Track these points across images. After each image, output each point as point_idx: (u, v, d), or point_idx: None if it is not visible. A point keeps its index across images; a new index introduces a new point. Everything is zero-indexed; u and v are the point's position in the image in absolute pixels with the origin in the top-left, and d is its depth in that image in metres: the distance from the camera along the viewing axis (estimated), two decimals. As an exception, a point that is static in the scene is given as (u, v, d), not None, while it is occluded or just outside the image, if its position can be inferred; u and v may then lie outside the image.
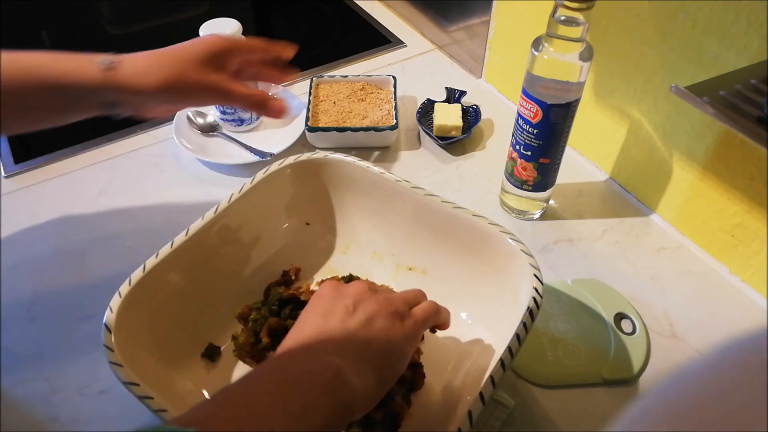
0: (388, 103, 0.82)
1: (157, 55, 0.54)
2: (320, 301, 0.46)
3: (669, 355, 0.59)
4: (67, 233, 0.70)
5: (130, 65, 0.53)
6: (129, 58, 0.53)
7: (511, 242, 0.52)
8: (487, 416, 0.53)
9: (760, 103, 0.47)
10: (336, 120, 0.80)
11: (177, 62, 0.54)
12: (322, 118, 0.80)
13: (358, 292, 0.46)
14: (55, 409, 0.55)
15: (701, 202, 0.65)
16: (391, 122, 0.79)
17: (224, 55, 0.57)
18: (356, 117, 0.80)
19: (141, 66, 0.53)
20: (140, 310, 0.49)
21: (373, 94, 0.84)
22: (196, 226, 0.54)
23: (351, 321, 0.44)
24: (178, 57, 0.55)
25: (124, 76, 0.52)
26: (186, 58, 0.55)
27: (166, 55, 0.55)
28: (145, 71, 0.53)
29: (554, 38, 0.57)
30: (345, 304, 0.45)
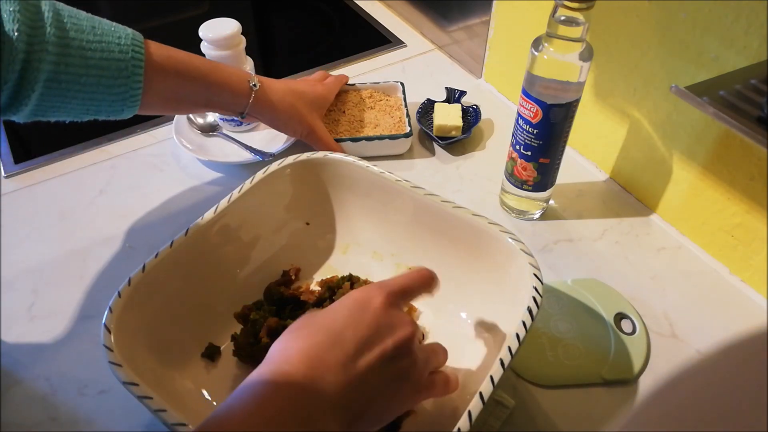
0: (399, 110, 0.82)
1: (287, 88, 0.72)
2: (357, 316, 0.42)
3: (669, 355, 0.59)
4: (67, 233, 0.70)
5: (269, 90, 0.69)
6: (269, 84, 0.70)
7: (511, 242, 0.52)
8: (487, 416, 0.53)
9: (760, 103, 0.47)
10: (348, 129, 0.79)
11: (298, 98, 0.72)
12: (333, 128, 0.79)
13: (402, 340, 0.42)
14: (55, 409, 0.55)
15: (701, 202, 0.65)
16: (404, 129, 0.78)
17: (327, 101, 0.78)
18: (368, 126, 0.79)
19: (276, 93, 0.70)
20: (140, 310, 0.49)
21: (381, 101, 0.83)
22: (195, 226, 0.54)
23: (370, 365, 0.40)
24: (300, 95, 0.73)
25: (263, 98, 0.68)
26: (305, 98, 0.73)
27: (293, 90, 0.72)
28: (278, 99, 0.70)
29: (554, 38, 0.57)
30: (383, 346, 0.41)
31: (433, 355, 0.46)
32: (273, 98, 0.69)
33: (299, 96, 0.72)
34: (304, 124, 0.72)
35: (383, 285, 0.45)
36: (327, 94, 0.77)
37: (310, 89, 0.74)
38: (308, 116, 0.72)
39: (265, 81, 0.69)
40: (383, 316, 0.42)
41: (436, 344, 0.47)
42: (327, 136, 0.74)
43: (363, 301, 0.43)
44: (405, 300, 0.46)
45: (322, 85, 0.77)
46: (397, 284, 0.45)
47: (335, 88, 0.80)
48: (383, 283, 0.45)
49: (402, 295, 0.45)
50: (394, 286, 0.45)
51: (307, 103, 0.73)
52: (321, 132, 0.73)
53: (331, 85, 0.79)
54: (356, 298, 0.43)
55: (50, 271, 0.66)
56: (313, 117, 0.73)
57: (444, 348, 0.47)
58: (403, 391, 0.42)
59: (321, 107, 0.76)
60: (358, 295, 0.43)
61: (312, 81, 0.78)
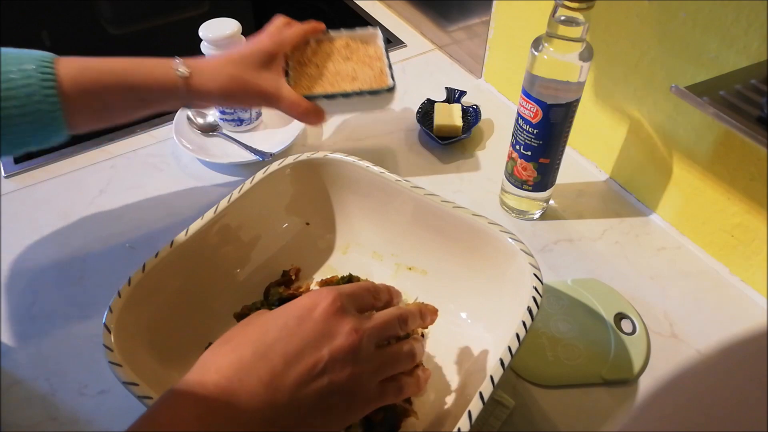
0: (379, 60, 0.70)
1: (222, 60, 0.62)
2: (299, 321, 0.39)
3: (669, 355, 0.59)
4: (67, 233, 0.70)
5: (200, 70, 0.61)
6: (200, 65, 0.61)
7: (511, 242, 0.52)
8: (487, 416, 0.53)
9: (760, 103, 0.47)
10: (322, 85, 0.68)
11: (240, 67, 0.62)
12: (306, 84, 0.68)
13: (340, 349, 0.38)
14: (55, 409, 0.55)
15: (701, 202, 0.65)
16: (386, 82, 0.67)
17: (275, 55, 0.65)
18: (345, 79, 0.68)
19: (209, 71, 0.61)
20: (140, 310, 0.49)
21: (360, 51, 0.71)
22: (195, 226, 0.54)
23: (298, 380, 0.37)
24: (241, 61, 0.62)
25: (196, 82, 0.60)
26: (248, 62, 0.63)
27: (230, 59, 0.62)
28: (212, 75, 0.61)
29: (554, 38, 0.57)
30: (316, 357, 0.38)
31: (392, 360, 0.42)
32: (206, 78, 0.60)
33: (239, 62, 0.62)
34: (254, 91, 0.62)
35: (335, 288, 0.42)
36: (275, 46, 0.65)
37: (253, 49, 0.64)
38: (258, 80, 0.62)
39: (195, 63, 0.61)
40: (324, 324, 0.39)
41: (403, 346, 0.43)
42: (291, 96, 0.63)
43: (306, 308, 0.40)
44: (359, 304, 0.43)
45: (268, 38, 0.65)
46: (350, 288, 0.43)
47: (293, 37, 0.67)
48: (336, 287, 0.42)
49: (354, 298, 0.42)
50: (347, 289, 0.42)
51: (253, 65, 0.63)
52: (282, 93, 0.63)
53: (287, 35, 0.67)
54: (300, 305, 0.41)
55: (50, 271, 0.66)
56: (266, 79, 0.63)
57: (414, 350, 0.44)
58: (343, 404, 0.39)
59: (273, 63, 0.64)
60: (304, 302, 0.41)
61: (258, 37, 0.66)
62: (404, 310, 0.44)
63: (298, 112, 0.64)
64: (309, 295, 0.42)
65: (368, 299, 0.44)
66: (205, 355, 0.39)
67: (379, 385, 0.41)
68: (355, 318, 0.41)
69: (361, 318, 0.41)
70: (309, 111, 0.64)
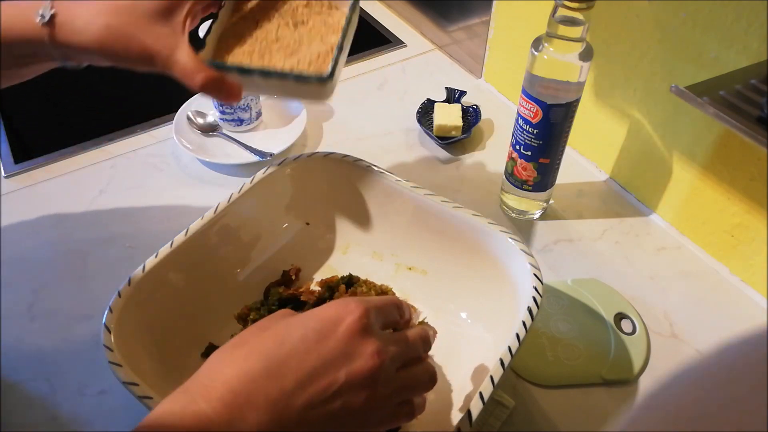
0: (336, 33, 0.52)
1: (102, 4, 0.46)
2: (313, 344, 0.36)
3: (669, 355, 0.59)
4: (67, 233, 0.70)
5: (71, 17, 0.46)
6: (73, 9, 0.46)
7: (511, 242, 0.52)
8: (487, 416, 0.53)
9: (760, 103, 0.47)
10: (247, 52, 0.51)
11: (122, 14, 0.46)
12: (227, 46, 0.52)
13: (359, 373, 0.36)
14: (55, 408, 0.55)
15: (701, 202, 0.65)
16: (324, 68, 0.49)
17: (179, 4, 0.48)
18: (281, 51, 0.51)
19: (81, 18, 0.46)
20: (140, 310, 0.49)
21: (321, 14, 0.54)
22: (195, 226, 0.54)
23: (309, 403, 0.35)
24: (125, 8, 0.46)
25: (64, 32, 0.46)
26: (134, 9, 0.46)
27: (112, 4, 0.46)
28: (84, 23, 0.46)
29: (554, 38, 0.57)
30: (331, 379, 0.35)
31: (411, 384, 0.40)
32: (77, 27, 0.46)
33: (124, 8, 0.46)
34: (137, 49, 0.46)
35: (363, 301, 0.39)
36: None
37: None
38: (144, 36, 0.46)
39: (69, 4, 0.47)
40: (346, 343, 0.36)
41: (424, 371, 0.41)
42: (187, 62, 0.47)
43: (330, 321, 0.37)
44: (386, 320, 0.41)
45: None
46: (379, 302, 0.40)
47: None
48: (364, 298, 0.40)
49: (382, 313, 0.40)
50: (376, 303, 0.40)
51: (143, 14, 0.46)
52: (175, 56, 0.47)
53: None
54: (324, 317, 0.38)
55: (50, 271, 0.66)
56: (157, 35, 0.47)
57: (434, 374, 0.41)
58: (353, 427, 0.36)
59: (173, 14, 0.47)
60: (329, 313, 0.38)
61: None
62: (427, 332, 0.43)
63: (193, 83, 0.47)
64: (335, 305, 0.39)
65: (395, 315, 0.42)
66: (215, 358, 0.37)
67: (392, 407, 0.39)
68: (380, 339, 0.38)
69: (386, 339, 0.38)
70: (208, 83, 0.47)
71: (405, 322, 0.43)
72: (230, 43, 0.52)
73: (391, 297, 0.44)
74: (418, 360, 0.41)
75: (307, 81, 0.48)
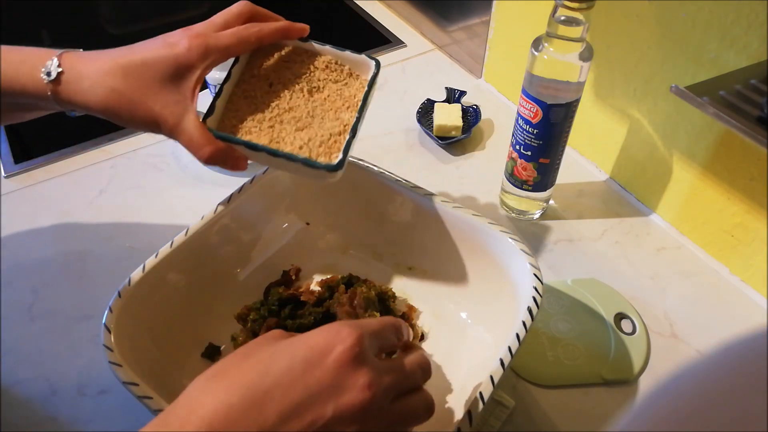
0: (352, 108, 0.50)
1: (110, 65, 0.45)
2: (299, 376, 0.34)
3: (669, 355, 0.59)
4: (66, 233, 0.70)
5: (77, 76, 0.45)
6: (79, 68, 0.45)
7: (511, 242, 0.52)
8: (487, 416, 0.53)
9: (760, 103, 0.47)
10: (256, 124, 0.49)
11: (129, 78, 0.45)
12: (235, 113, 0.50)
13: (348, 408, 0.34)
14: (55, 409, 0.55)
15: (701, 202, 0.65)
16: (334, 156, 0.48)
17: (191, 68, 0.45)
18: (292, 123, 0.49)
19: (88, 78, 0.45)
20: (140, 310, 0.49)
21: (338, 83, 0.52)
22: (195, 226, 0.54)
23: None
24: (134, 70, 0.45)
25: (69, 91, 0.45)
26: (143, 72, 0.45)
27: (120, 66, 0.45)
28: (91, 84, 0.45)
29: (554, 38, 0.57)
30: (317, 414, 0.33)
31: (407, 418, 0.37)
32: (83, 87, 0.45)
33: (132, 71, 0.45)
34: (143, 116, 0.45)
35: (357, 326, 0.36)
36: (197, 55, 0.45)
37: (159, 53, 0.45)
38: (152, 103, 0.45)
39: (77, 61, 0.45)
40: (335, 375, 0.34)
41: (421, 402, 0.38)
42: (194, 133, 0.46)
43: (318, 350, 0.35)
44: (382, 345, 0.38)
45: (194, 38, 0.46)
46: (375, 326, 0.38)
47: (238, 44, 0.48)
48: (359, 323, 0.37)
49: (378, 338, 0.38)
50: (371, 327, 0.37)
51: (151, 79, 0.45)
52: (182, 125, 0.46)
53: (228, 40, 0.47)
54: (312, 345, 0.35)
55: (50, 270, 0.66)
56: (165, 101, 0.45)
57: (432, 405, 0.39)
58: None
59: (184, 78, 0.45)
60: (317, 341, 0.35)
61: (183, 32, 0.47)
62: (426, 359, 0.40)
63: (199, 156, 0.47)
64: (326, 331, 0.36)
65: (392, 339, 0.39)
66: (195, 386, 0.35)
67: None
68: (373, 369, 0.35)
69: (381, 369, 0.36)
70: (214, 157, 0.47)
71: (403, 344, 0.41)
72: (240, 108, 0.50)
73: (389, 319, 0.41)
74: (415, 389, 0.38)
75: (314, 167, 0.47)
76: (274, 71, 0.52)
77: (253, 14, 0.50)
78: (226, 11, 0.49)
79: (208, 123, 0.48)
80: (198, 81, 0.46)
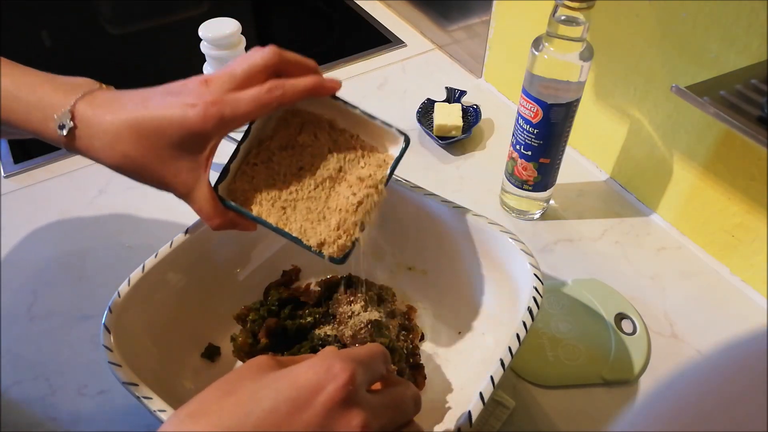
0: (369, 188, 0.47)
1: (122, 124, 0.42)
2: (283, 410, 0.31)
3: (669, 356, 0.59)
4: (66, 233, 0.70)
5: (89, 133, 0.43)
6: (92, 125, 0.43)
7: (511, 242, 0.52)
8: (488, 416, 0.53)
9: (761, 102, 0.47)
10: (273, 197, 0.47)
11: (142, 143, 0.42)
12: (250, 183, 0.48)
13: None
14: (55, 409, 0.55)
15: (702, 202, 0.65)
16: (336, 249, 0.46)
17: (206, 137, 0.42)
18: (306, 211, 0.47)
19: (101, 137, 0.43)
20: (139, 310, 0.49)
21: (355, 160, 0.48)
22: (195, 226, 0.54)
23: None
24: (147, 135, 0.42)
25: (81, 146, 0.44)
26: (156, 139, 0.42)
27: (132, 128, 0.42)
28: (103, 145, 0.43)
29: (554, 38, 0.57)
30: None
31: None
32: (96, 146, 0.44)
33: (145, 137, 0.42)
34: (154, 182, 0.45)
35: (349, 360, 0.33)
36: (215, 123, 0.41)
37: (174, 118, 0.41)
38: (163, 171, 0.43)
39: (90, 115, 0.43)
40: (325, 418, 0.31)
41: None
42: (204, 205, 0.45)
43: (307, 389, 0.31)
44: (373, 377, 0.36)
45: (205, 111, 0.41)
46: (366, 357, 0.35)
47: (256, 112, 0.42)
48: (351, 355, 0.34)
49: (370, 371, 0.35)
50: (362, 358, 0.34)
51: (164, 146, 0.42)
52: (194, 195, 0.45)
53: (250, 101, 0.42)
54: (301, 384, 0.32)
55: (50, 271, 0.66)
56: (177, 170, 0.43)
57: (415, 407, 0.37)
58: None
59: (198, 146, 0.43)
60: (307, 377, 0.32)
61: (198, 92, 0.42)
62: (418, 392, 0.39)
63: (209, 225, 0.47)
64: (316, 366, 0.32)
65: (382, 369, 0.36)
66: (172, 425, 0.32)
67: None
68: (366, 409, 0.32)
69: (374, 407, 0.33)
70: (222, 227, 0.47)
71: (389, 372, 0.39)
72: (257, 175, 0.47)
73: (377, 347, 0.38)
74: (407, 423, 0.37)
75: (320, 256, 0.46)
76: (290, 140, 0.48)
77: (280, 66, 0.44)
78: (250, 61, 0.43)
79: (219, 190, 0.46)
80: (212, 150, 0.44)
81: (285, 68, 0.44)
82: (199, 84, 0.42)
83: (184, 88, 0.43)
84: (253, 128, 0.47)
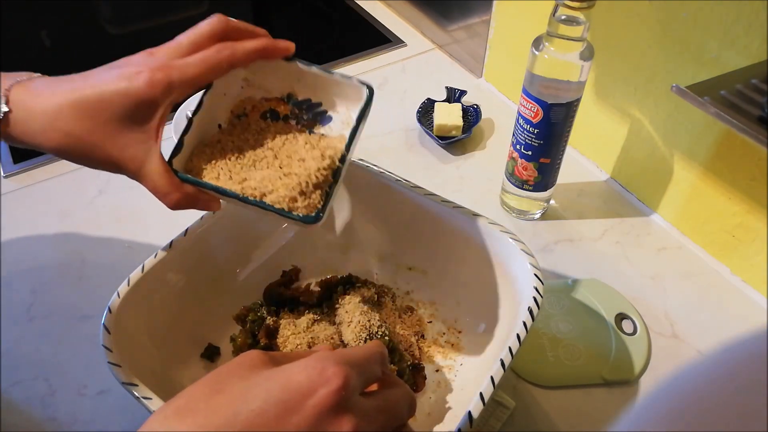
0: (336, 140, 0.46)
1: (62, 103, 0.40)
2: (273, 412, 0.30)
3: (670, 356, 0.59)
4: (66, 233, 0.70)
5: (26, 115, 0.40)
6: (31, 106, 0.40)
7: (512, 242, 0.52)
8: (488, 417, 0.52)
9: (761, 102, 0.47)
10: (232, 162, 0.45)
11: (85, 119, 0.39)
12: (210, 149, 0.46)
13: None
14: (54, 409, 0.55)
15: (702, 202, 0.65)
16: (308, 205, 0.43)
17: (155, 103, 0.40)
18: (268, 168, 0.45)
19: (38, 119, 0.40)
20: (139, 310, 0.49)
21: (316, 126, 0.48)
22: (194, 227, 0.54)
23: None
24: (90, 109, 0.39)
25: (18, 132, 0.41)
26: (100, 113, 0.39)
27: (72, 104, 0.39)
28: (42, 127, 0.40)
29: (555, 37, 0.57)
30: None
31: None
32: (34, 128, 0.40)
33: (88, 111, 0.40)
34: (101, 160, 0.41)
35: (343, 362, 0.32)
36: (161, 89, 0.40)
37: (118, 88, 0.40)
38: (110, 147, 0.41)
39: (27, 97, 0.40)
40: (314, 422, 0.30)
41: None
42: (157, 178, 0.42)
43: (298, 392, 0.30)
44: (367, 379, 0.34)
45: (151, 76, 0.40)
46: (361, 358, 0.34)
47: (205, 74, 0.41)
48: (345, 357, 0.32)
49: (364, 373, 0.33)
50: (357, 360, 0.33)
51: (110, 120, 0.40)
52: (145, 170, 0.42)
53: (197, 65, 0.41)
54: (292, 386, 0.31)
55: (49, 271, 0.66)
56: (125, 144, 0.41)
57: None
58: None
59: (148, 116, 0.41)
60: (299, 380, 0.31)
61: (145, 60, 0.41)
62: (413, 395, 0.37)
63: (165, 202, 0.43)
64: (309, 368, 0.31)
65: (377, 372, 0.35)
66: (157, 422, 0.30)
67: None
68: (358, 415, 0.31)
69: (366, 412, 0.32)
70: (181, 204, 0.43)
71: (387, 373, 0.37)
72: (213, 144, 0.45)
73: (374, 347, 0.37)
74: (400, 427, 0.36)
75: (291, 218, 0.43)
76: (252, 103, 0.47)
77: (227, 31, 0.43)
78: (195, 30, 0.42)
79: (174, 164, 0.43)
80: (162, 119, 0.41)
81: (233, 35, 0.43)
82: (143, 55, 0.41)
83: (128, 61, 0.41)
84: (205, 99, 0.45)
